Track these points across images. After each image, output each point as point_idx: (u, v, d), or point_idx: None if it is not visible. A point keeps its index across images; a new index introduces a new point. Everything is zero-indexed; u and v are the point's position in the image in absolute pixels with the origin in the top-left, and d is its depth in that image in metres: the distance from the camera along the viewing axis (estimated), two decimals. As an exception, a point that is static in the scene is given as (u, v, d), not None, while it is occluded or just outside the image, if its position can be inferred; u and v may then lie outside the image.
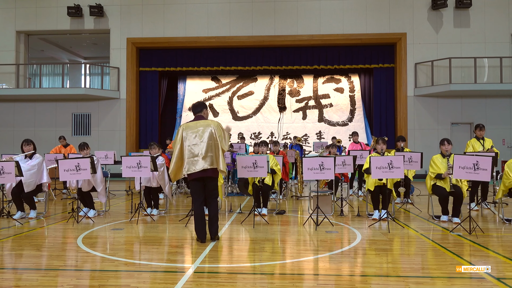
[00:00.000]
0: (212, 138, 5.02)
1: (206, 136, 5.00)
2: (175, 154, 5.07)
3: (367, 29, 15.45)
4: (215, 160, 5.02)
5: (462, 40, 15.25)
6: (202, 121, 5.14)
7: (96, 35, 17.04)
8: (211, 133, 5.02)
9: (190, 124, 5.15)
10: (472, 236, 5.42)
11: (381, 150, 6.85)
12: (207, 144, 4.99)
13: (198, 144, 4.99)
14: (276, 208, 7.67)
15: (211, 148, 5.00)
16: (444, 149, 6.59)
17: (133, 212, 7.06)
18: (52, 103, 16.36)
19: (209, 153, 4.99)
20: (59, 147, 10.94)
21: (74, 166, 6.40)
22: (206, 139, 5.00)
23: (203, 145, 4.99)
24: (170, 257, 4.49)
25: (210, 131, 5.03)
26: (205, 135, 5.01)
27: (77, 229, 6.00)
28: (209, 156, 4.99)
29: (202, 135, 5.01)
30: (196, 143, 5.00)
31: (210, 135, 5.01)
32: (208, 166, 4.97)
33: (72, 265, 4.20)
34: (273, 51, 16.24)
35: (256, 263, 4.27)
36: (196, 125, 5.09)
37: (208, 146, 4.99)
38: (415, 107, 15.40)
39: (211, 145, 5.01)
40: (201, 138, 5.00)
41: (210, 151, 4.99)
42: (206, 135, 5.01)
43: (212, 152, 5.00)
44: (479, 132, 7.99)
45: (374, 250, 4.74)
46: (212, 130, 5.04)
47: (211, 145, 5.01)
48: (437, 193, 6.49)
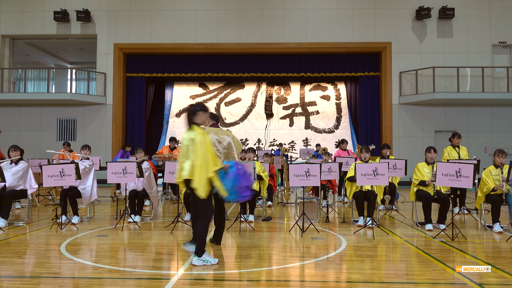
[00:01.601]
0: (230, 148, 5.34)
1: (227, 145, 5.31)
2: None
3: (353, 38, 15.66)
4: None
5: (446, 49, 15.56)
6: (224, 130, 5.44)
7: (83, 40, 16.89)
8: (230, 143, 5.36)
9: (217, 130, 5.35)
10: (455, 242, 5.49)
11: (364, 158, 6.93)
12: (227, 152, 5.31)
13: (221, 151, 5.25)
14: (263, 215, 7.66)
15: (230, 155, 5.32)
16: (429, 156, 6.69)
17: (118, 219, 6.98)
18: (37, 108, 16.12)
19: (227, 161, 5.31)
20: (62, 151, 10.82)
21: (59, 172, 6.32)
22: (227, 148, 5.31)
23: (224, 152, 5.27)
24: (155, 264, 4.45)
25: (230, 142, 5.36)
26: (226, 143, 5.30)
27: (61, 236, 5.90)
28: None
29: (224, 144, 5.29)
30: (221, 149, 5.25)
31: (229, 145, 5.35)
32: None
33: (55, 273, 4.12)
34: (261, 59, 16.32)
35: (242, 269, 4.26)
36: (221, 133, 5.34)
37: (228, 154, 5.32)
38: (399, 115, 15.61)
39: (230, 153, 5.34)
40: (224, 146, 5.28)
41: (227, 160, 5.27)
42: (227, 144, 5.31)
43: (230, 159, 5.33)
44: (456, 140, 8.35)
45: (359, 257, 4.76)
46: (231, 141, 5.36)
47: (229, 153, 5.34)
48: (421, 197, 6.56)
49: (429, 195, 6.46)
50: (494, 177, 6.36)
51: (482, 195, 6.48)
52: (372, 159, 7.29)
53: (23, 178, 6.88)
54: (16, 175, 6.77)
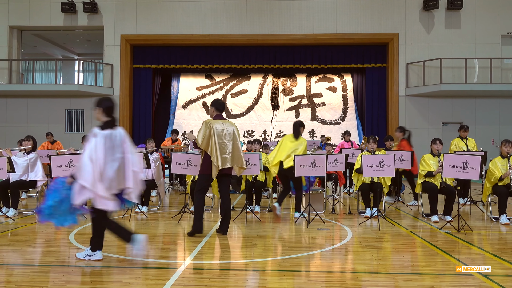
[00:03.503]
0: (235, 138, 5.36)
1: (232, 136, 5.33)
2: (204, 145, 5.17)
3: (360, 29, 15.50)
4: (238, 159, 5.35)
5: (453, 41, 15.36)
6: (228, 121, 5.42)
7: (90, 31, 16.89)
8: (235, 134, 5.37)
9: (218, 121, 5.32)
10: (461, 234, 5.47)
11: (371, 149, 6.90)
12: (233, 144, 5.31)
13: (227, 143, 5.26)
14: (268, 206, 7.68)
15: (236, 148, 5.33)
16: (435, 148, 6.67)
17: (126, 209, 7.03)
18: (45, 99, 16.21)
19: (234, 152, 5.32)
20: (46, 143, 10.90)
21: (67, 162, 6.36)
22: (233, 139, 5.32)
23: (231, 144, 5.29)
24: (162, 254, 4.48)
25: (234, 132, 5.37)
26: (232, 135, 5.33)
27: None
28: (235, 155, 5.32)
29: (230, 134, 5.31)
30: (225, 141, 5.26)
31: (235, 136, 5.36)
32: (232, 164, 5.31)
33: (64, 261, 4.17)
34: (267, 50, 16.23)
35: (248, 259, 4.28)
36: (224, 124, 5.32)
37: (234, 146, 5.32)
38: (406, 107, 15.49)
39: (236, 145, 5.34)
40: (230, 137, 5.30)
41: (235, 151, 5.33)
42: (232, 135, 5.33)
43: (236, 151, 5.34)
44: (463, 133, 8.36)
45: (364, 247, 4.77)
46: (235, 131, 5.38)
47: (236, 145, 5.35)
48: (427, 188, 6.53)
49: (435, 187, 6.43)
50: (501, 167, 6.30)
51: (490, 185, 6.43)
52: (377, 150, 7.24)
53: (31, 168, 6.90)
54: (23, 164, 6.80)
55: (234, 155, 5.32)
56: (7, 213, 6.59)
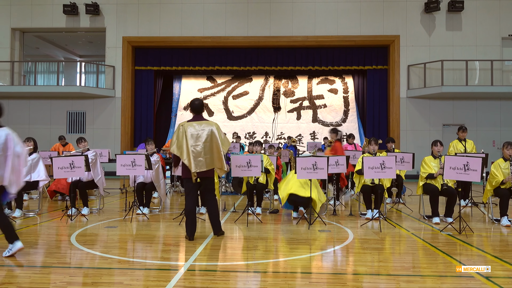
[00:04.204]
0: (213, 139, 5.10)
1: (208, 137, 5.08)
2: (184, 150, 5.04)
3: (361, 31, 15.51)
4: (216, 161, 5.11)
5: (454, 43, 15.36)
6: (205, 121, 5.19)
7: (91, 33, 16.94)
8: (213, 134, 5.10)
9: (193, 123, 5.15)
10: (462, 235, 5.46)
11: (373, 150, 6.90)
12: (209, 145, 5.07)
13: (201, 145, 5.05)
14: (270, 207, 7.67)
15: (212, 149, 5.08)
16: (436, 150, 6.66)
17: (127, 210, 7.03)
18: (47, 101, 16.25)
19: (210, 154, 5.08)
20: (58, 145, 10.99)
21: (68, 163, 6.37)
22: (209, 140, 5.08)
23: (205, 145, 5.06)
24: (163, 255, 4.48)
25: (212, 132, 5.11)
26: (208, 136, 5.08)
27: (71, 227, 5.97)
28: (211, 157, 5.08)
29: (205, 135, 5.08)
30: (199, 143, 5.05)
31: (212, 136, 5.10)
32: (209, 167, 5.08)
33: (65, 263, 4.17)
34: (268, 52, 16.25)
35: (249, 261, 4.27)
36: (200, 125, 5.13)
37: (210, 147, 5.08)
38: (407, 109, 15.48)
39: (212, 146, 5.09)
40: (205, 138, 5.07)
41: (211, 152, 5.08)
42: (209, 136, 5.09)
43: (213, 153, 5.09)
44: (462, 134, 8.27)
45: (365, 249, 4.76)
46: (214, 131, 5.12)
47: (212, 146, 5.09)
48: (428, 190, 6.52)
49: (436, 188, 6.42)
50: (503, 170, 6.29)
51: (491, 188, 6.41)
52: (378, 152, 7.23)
53: (33, 169, 6.91)
54: None
55: (213, 157, 5.09)
56: (13, 214, 6.62)
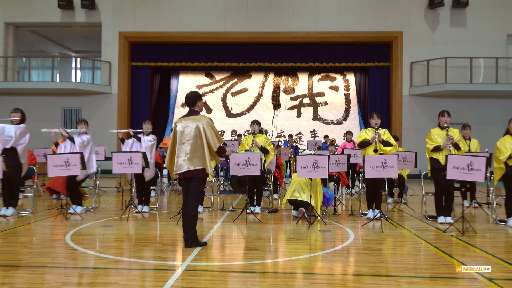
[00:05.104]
0: (199, 136, 4.72)
1: (193, 134, 4.72)
2: (169, 150, 4.97)
3: (363, 27, 15.51)
4: (202, 161, 4.73)
5: (458, 40, 15.36)
6: (192, 117, 4.83)
7: (87, 28, 16.91)
8: (198, 131, 4.72)
9: (182, 119, 4.92)
10: (465, 236, 5.47)
11: (375, 125, 6.79)
12: (194, 143, 4.72)
13: (185, 143, 4.74)
14: (269, 207, 7.68)
15: (197, 147, 4.72)
16: (443, 120, 6.46)
17: (124, 209, 7.03)
18: (42, 97, 16.22)
19: (196, 152, 4.72)
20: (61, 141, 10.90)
21: (63, 161, 6.36)
22: (193, 138, 4.72)
23: (190, 143, 4.72)
24: (160, 255, 4.48)
25: (198, 128, 4.72)
26: (193, 133, 4.73)
27: (66, 226, 5.97)
28: (196, 156, 4.72)
29: (190, 133, 4.74)
30: (184, 141, 4.77)
31: (197, 133, 4.72)
32: (193, 167, 4.71)
33: (60, 263, 4.17)
34: (268, 48, 16.24)
35: (248, 261, 4.28)
36: (187, 122, 4.81)
37: (195, 145, 4.72)
38: (410, 107, 15.50)
39: (198, 144, 4.72)
40: (189, 136, 4.73)
41: (197, 151, 4.72)
42: (194, 133, 4.73)
43: (199, 151, 4.72)
44: (465, 132, 8.10)
45: (366, 250, 4.76)
46: (200, 127, 4.71)
47: (198, 144, 4.72)
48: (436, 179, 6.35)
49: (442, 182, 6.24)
50: (509, 145, 6.14)
51: (498, 165, 6.19)
52: None
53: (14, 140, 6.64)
54: (9, 132, 6.62)
55: (195, 156, 4.71)
56: (4, 212, 6.64)
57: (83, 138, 7.08)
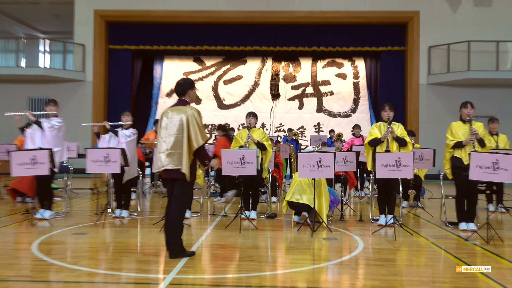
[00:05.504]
0: (181, 130, 4.62)
1: (176, 127, 4.64)
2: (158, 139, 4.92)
3: (375, 6, 15.48)
4: (178, 160, 4.63)
5: (483, 21, 15.37)
6: (178, 107, 4.77)
7: (57, 5, 16.81)
8: (181, 124, 4.62)
9: (168, 110, 4.87)
10: (490, 245, 5.48)
11: (387, 118, 6.79)
12: (175, 138, 4.64)
13: (167, 137, 4.68)
14: (266, 211, 7.68)
15: (179, 143, 4.63)
16: (466, 112, 6.43)
17: (99, 214, 7.00)
18: (4, 85, 16.13)
19: (177, 149, 4.63)
20: (22, 137, 10.81)
21: (30, 159, 6.31)
22: (176, 131, 4.64)
23: (171, 138, 4.65)
24: (141, 267, 4.47)
25: (181, 121, 4.63)
26: (175, 126, 4.65)
27: (32, 234, 5.94)
28: (177, 154, 4.63)
29: (173, 126, 4.66)
30: (166, 135, 4.71)
31: (180, 127, 4.63)
32: (172, 166, 4.63)
33: (25, 275, 4.15)
34: (266, 29, 16.19)
35: (242, 274, 4.27)
36: (172, 113, 4.75)
37: (177, 141, 4.63)
38: (427, 97, 15.52)
39: (180, 140, 4.63)
40: (172, 130, 4.66)
41: (178, 147, 4.64)
42: (176, 126, 4.64)
43: (180, 148, 4.63)
44: (492, 126, 8.10)
45: (377, 260, 4.77)
46: (184, 119, 4.63)
47: (180, 139, 4.63)
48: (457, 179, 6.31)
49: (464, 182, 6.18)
50: None
51: None
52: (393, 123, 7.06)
53: None
54: None
55: (175, 152, 4.63)
56: None
57: (52, 122, 6.95)
